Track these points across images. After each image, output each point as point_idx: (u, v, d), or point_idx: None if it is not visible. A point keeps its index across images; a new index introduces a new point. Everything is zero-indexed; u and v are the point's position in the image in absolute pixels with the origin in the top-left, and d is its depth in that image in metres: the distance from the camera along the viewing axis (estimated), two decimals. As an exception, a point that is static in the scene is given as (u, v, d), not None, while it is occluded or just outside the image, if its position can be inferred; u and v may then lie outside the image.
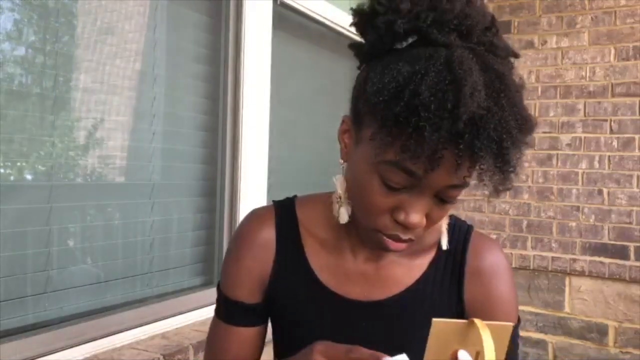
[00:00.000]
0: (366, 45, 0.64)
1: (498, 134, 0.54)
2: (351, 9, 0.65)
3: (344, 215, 0.68)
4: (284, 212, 0.76)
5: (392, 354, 0.55)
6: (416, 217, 0.60)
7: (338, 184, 0.69)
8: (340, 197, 0.68)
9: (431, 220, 0.62)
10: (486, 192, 0.60)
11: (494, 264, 0.71)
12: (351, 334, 0.69)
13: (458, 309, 0.71)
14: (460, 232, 0.73)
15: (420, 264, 0.72)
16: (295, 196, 0.79)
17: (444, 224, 0.72)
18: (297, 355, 0.63)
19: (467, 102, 0.52)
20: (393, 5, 0.59)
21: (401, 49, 0.61)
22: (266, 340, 0.81)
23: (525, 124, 0.58)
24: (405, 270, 0.72)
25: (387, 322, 0.71)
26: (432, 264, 0.72)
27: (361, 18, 0.63)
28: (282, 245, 0.74)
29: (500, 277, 0.71)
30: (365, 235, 0.67)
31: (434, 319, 0.52)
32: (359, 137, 0.63)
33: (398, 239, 0.62)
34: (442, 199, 0.60)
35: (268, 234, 0.75)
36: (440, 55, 0.56)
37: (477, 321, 0.52)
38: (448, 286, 0.71)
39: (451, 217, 0.76)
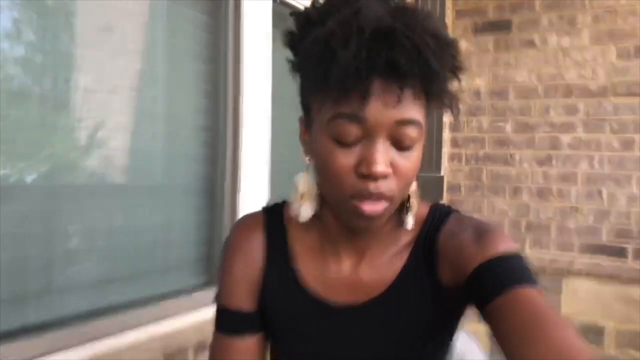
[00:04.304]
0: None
1: (413, 43, 0.56)
2: (283, 33, 0.70)
3: (305, 212, 0.69)
4: (272, 217, 0.77)
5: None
6: (378, 165, 0.60)
7: (300, 181, 0.70)
8: (302, 195, 0.70)
9: (400, 173, 0.62)
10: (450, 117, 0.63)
11: (462, 238, 0.67)
12: (340, 341, 0.70)
13: (441, 294, 0.68)
14: (439, 216, 0.72)
15: (400, 259, 0.71)
16: (284, 201, 0.79)
17: (411, 209, 0.70)
18: None
19: (368, 15, 0.57)
20: (306, 10, 0.66)
21: None
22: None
23: (441, 36, 0.59)
24: (388, 269, 0.71)
25: (374, 325, 0.70)
26: (411, 256, 0.71)
27: (293, 37, 0.68)
28: (271, 251, 0.75)
29: (469, 228, 0.68)
30: (344, 213, 0.65)
31: None
32: (310, 122, 0.67)
33: (371, 196, 0.61)
34: (400, 144, 0.61)
35: (257, 240, 0.76)
36: (348, 6, 0.61)
37: None
38: (426, 273, 0.69)
39: (432, 205, 0.75)
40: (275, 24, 1.81)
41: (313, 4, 0.66)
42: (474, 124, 2.95)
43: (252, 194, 1.72)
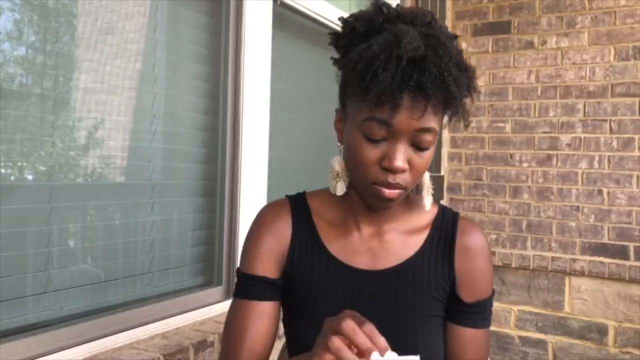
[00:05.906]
0: (342, 48, 0.81)
1: (440, 71, 0.71)
2: (329, 34, 0.83)
3: (340, 188, 0.83)
4: (297, 201, 0.90)
5: (401, 353, 0.62)
6: (398, 161, 0.74)
7: (336, 162, 0.84)
8: (337, 173, 0.83)
9: (414, 169, 0.76)
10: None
11: (478, 243, 0.87)
12: (359, 300, 0.81)
13: (450, 277, 0.85)
14: (449, 216, 0.89)
15: (416, 240, 0.86)
16: (304, 192, 0.92)
17: (427, 192, 0.85)
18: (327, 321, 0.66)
19: (406, 47, 0.70)
20: (352, 21, 0.79)
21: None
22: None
23: (463, 67, 0.75)
24: (405, 245, 0.85)
25: (392, 289, 0.83)
26: (427, 241, 0.86)
27: (338, 39, 0.82)
28: (297, 228, 0.87)
29: (483, 255, 0.87)
30: (365, 194, 0.80)
31: None
32: (346, 116, 0.80)
33: (389, 186, 0.75)
34: (418, 146, 0.75)
35: (285, 219, 0.87)
36: (388, 31, 0.74)
37: None
38: (442, 258, 0.85)
39: (440, 204, 0.91)
40: (275, 25, 1.81)
41: (357, 17, 0.79)
42: (474, 124, 2.95)
43: (252, 194, 1.72)
